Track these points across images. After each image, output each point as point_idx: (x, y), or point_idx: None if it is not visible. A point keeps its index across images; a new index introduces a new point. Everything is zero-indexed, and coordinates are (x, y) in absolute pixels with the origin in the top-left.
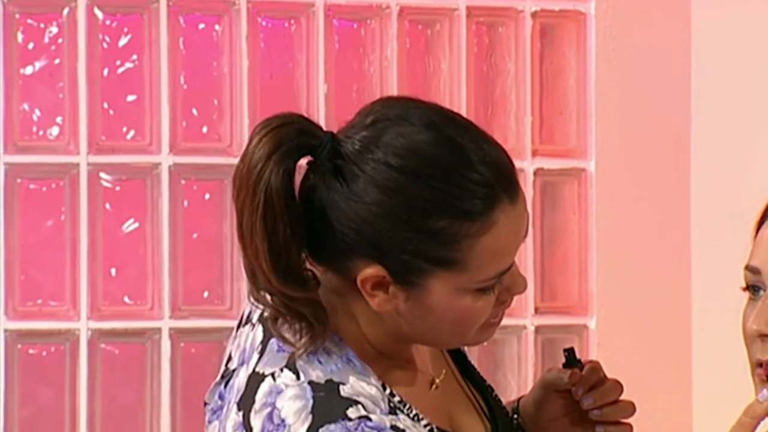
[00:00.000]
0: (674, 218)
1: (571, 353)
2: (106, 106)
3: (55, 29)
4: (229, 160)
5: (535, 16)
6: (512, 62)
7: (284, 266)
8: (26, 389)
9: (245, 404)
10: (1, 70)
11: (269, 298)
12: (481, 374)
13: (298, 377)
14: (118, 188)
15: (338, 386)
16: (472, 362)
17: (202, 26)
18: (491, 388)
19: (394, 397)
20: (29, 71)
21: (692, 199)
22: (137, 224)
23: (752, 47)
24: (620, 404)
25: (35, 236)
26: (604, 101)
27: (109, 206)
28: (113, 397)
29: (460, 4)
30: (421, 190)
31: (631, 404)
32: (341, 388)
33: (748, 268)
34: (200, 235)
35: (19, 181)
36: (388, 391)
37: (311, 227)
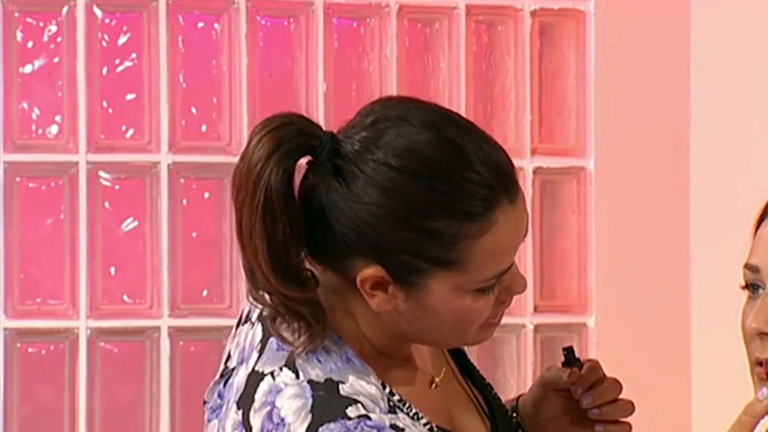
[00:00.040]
0: (673, 217)
1: (570, 352)
2: (105, 104)
3: (54, 28)
4: (228, 158)
5: (534, 14)
6: (511, 61)
7: (283, 266)
8: (25, 388)
9: (245, 403)
10: (0, 68)
11: (268, 297)
12: (480, 373)
13: (297, 376)
14: (117, 187)
15: (338, 385)
16: (471, 361)
17: (201, 25)
18: (491, 386)
19: (393, 395)
20: (28, 70)
21: (691, 197)
22: (136, 223)
23: (751, 46)
24: (619, 403)
25: (34, 235)
26: (603, 100)
27: (108, 205)
28: (112, 395)
29: (459, 2)
30: (420, 190)
31: (630, 403)
32: (341, 386)
33: (747, 266)
34: (199, 233)
35: (18, 179)
36: (387, 389)
37: (311, 227)
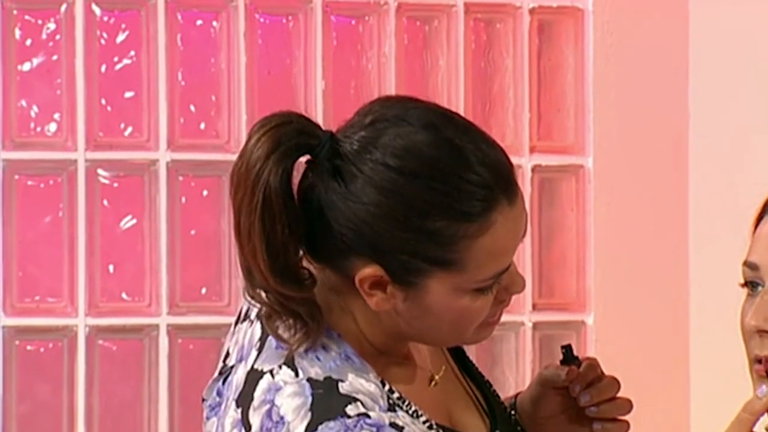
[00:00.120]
0: (672, 215)
1: (568, 350)
2: (103, 102)
3: (52, 25)
4: (227, 156)
5: (532, 12)
6: (510, 59)
7: (282, 266)
8: (24, 386)
9: (244, 401)
10: None
11: (264, 295)
12: (479, 370)
13: (296, 374)
14: (115, 185)
15: (337, 383)
16: (470, 358)
17: (199, 23)
18: (490, 384)
19: (393, 393)
20: (27, 67)
21: (690, 195)
22: (135, 221)
23: (750, 44)
24: (617, 401)
25: (33, 232)
26: (602, 98)
27: (106, 203)
28: (111, 393)
29: (458, 0)
30: (419, 190)
31: (628, 401)
32: (340, 385)
33: (746, 264)
34: (198, 231)
35: (16, 177)
36: (386, 387)
37: (309, 227)
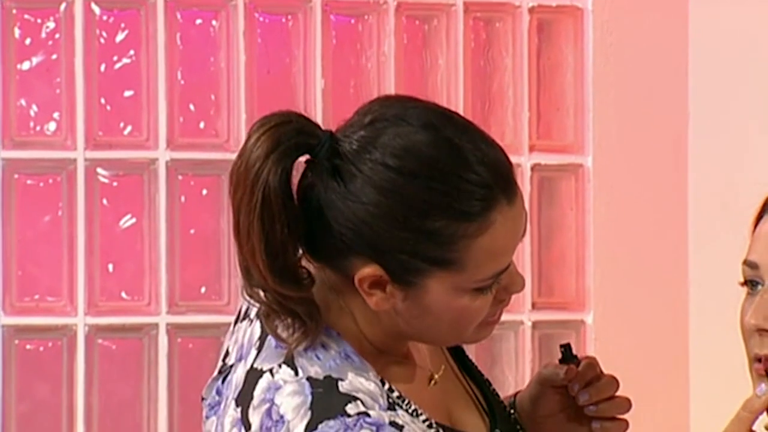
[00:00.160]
0: (671, 214)
1: (567, 349)
2: (103, 101)
3: (52, 24)
4: (226, 155)
5: (532, 11)
6: (509, 58)
7: (280, 266)
8: (23, 385)
9: (243, 400)
10: None
11: (263, 294)
12: (479, 369)
13: (296, 373)
14: (115, 184)
15: (337, 382)
16: (469, 357)
17: (199, 22)
18: (489, 382)
19: (392, 392)
20: (26, 66)
21: (689, 194)
22: (134, 220)
23: (749, 43)
24: (616, 400)
25: (32, 232)
26: (601, 97)
27: (106, 202)
28: (110, 392)
29: None
30: (418, 190)
31: (627, 400)
32: (340, 383)
33: (746, 262)
34: (197, 230)
35: (16, 176)
36: (386, 386)
37: (309, 226)
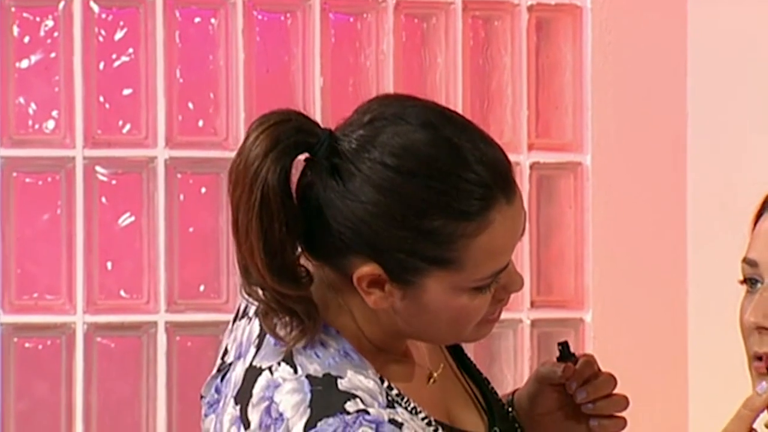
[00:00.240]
0: (670, 212)
1: (565, 347)
2: (102, 99)
3: (50, 23)
4: (225, 153)
5: (531, 9)
6: (508, 56)
7: (279, 264)
8: (22, 383)
9: (242, 398)
10: None
11: (261, 293)
12: (477, 368)
13: (295, 371)
14: (114, 182)
15: (336, 380)
16: (468, 356)
17: (198, 20)
18: (488, 381)
19: (392, 390)
20: (25, 65)
21: (688, 193)
22: (133, 218)
23: (748, 41)
24: (614, 398)
25: (31, 230)
26: (600, 95)
27: (105, 200)
28: (109, 390)
29: None
30: (417, 189)
31: (624, 398)
32: (339, 381)
33: (745, 260)
34: (196, 228)
35: (15, 174)
36: (386, 384)
37: (308, 225)
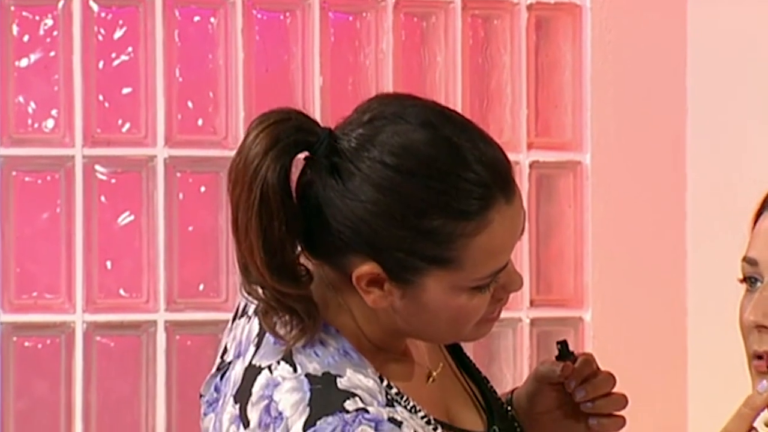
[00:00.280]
0: (670, 211)
1: (564, 346)
2: (101, 98)
3: (50, 21)
4: (224, 152)
5: (530, 8)
6: (508, 55)
7: (278, 263)
8: (22, 382)
9: (242, 397)
10: None
11: (261, 291)
12: (476, 367)
13: (295, 370)
14: (113, 181)
15: (335, 378)
16: (467, 355)
17: (197, 19)
18: (487, 380)
19: (391, 389)
20: (24, 64)
21: (688, 192)
22: (133, 217)
23: (747, 40)
24: (613, 397)
25: (30, 229)
26: (599, 94)
27: (104, 199)
28: (109, 389)
29: None
30: (416, 189)
31: (623, 397)
32: (338, 380)
33: (745, 259)
34: (196, 227)
35: (14, 173)
36: (385, 383)
37: (307, 223)
